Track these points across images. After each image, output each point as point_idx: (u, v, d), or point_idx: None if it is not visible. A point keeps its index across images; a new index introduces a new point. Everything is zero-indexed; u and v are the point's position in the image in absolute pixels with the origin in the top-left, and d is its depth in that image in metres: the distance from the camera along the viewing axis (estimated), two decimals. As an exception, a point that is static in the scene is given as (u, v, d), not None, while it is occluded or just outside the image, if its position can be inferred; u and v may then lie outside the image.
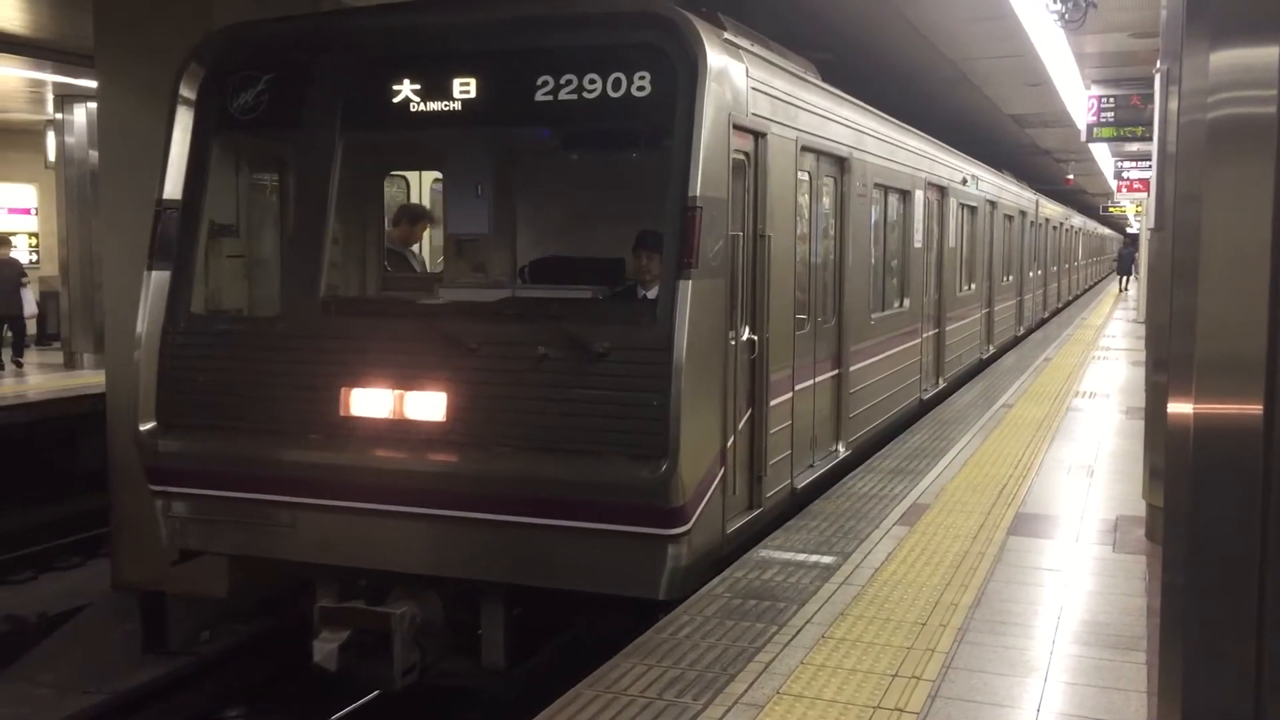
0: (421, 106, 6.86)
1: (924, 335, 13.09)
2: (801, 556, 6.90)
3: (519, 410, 6.35)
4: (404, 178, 11.35)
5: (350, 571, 6.91)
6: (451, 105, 6.79)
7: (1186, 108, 2.81)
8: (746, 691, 4.89)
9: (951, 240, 14.57)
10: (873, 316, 10.50)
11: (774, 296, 7.50)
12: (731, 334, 6.73)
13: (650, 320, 6.26)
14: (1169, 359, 3.01)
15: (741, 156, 6.98)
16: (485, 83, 6.73)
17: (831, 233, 9.46)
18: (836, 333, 9.44)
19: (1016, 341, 21.63)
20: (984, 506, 8.19)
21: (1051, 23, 12.36)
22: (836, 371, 9.42)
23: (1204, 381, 2.63)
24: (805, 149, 8.28)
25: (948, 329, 14.52)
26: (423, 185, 11.84)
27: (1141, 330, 20.19)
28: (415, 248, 10.01)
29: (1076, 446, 10.68)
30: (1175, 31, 4.23)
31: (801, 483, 8.28)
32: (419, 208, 10.31)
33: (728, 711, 4.70)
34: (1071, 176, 36.69)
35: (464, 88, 6.75)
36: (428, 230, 10.28)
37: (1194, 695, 2.67)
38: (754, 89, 7.08)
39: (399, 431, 6.58)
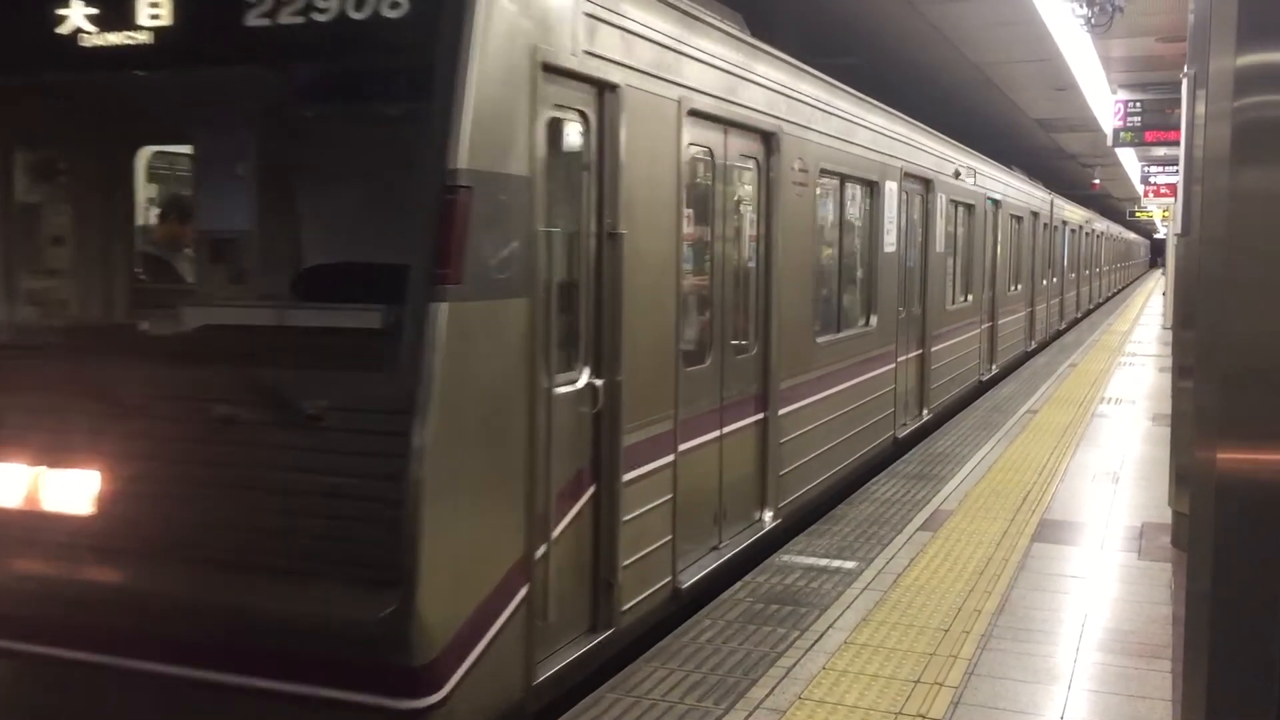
0: (97, 37, 4.70)
1: (900, 359, 10.82)
2: (824, 561, 6.88)
3: (193, 502, 4.25)
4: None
5: None
6: (136, 36, 4.63)
7: (1213, 112, 2.79)
8: (768, 696, 4.88)
9: (939, 244, 12.31)
10: (820, 340, 8.35)
11: (637, 321, 5.38)
12: (546, 380, 4.65)
13: (387, 364, 4.11)
14: (1196, 367, 2.99)
15: (570, 116, 4.96)
16: (181, 1, 4.60)
17: (751, 233, 7.21)
18: (761, 365, 7.23)
19: (1027, 358, 19.42)
20: (1008, 512, 8.15)
21: (1078, 27, 12.28)
22: (762, 415, 7.24)
23: (1231, 392, 2.61)
24: (697, 114, 6.08)
25: (934, 349, 12.22)
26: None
27: (1169, 336, 20.05)
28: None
29: (1102, 453, 10.62)
30: (1203, 35, 4.20)
31: (693, 576, 6.17)
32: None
33: (749, 716, 4.69)
34: (1098, 181, 36.47)
35: (153, 9, 4.61)
36: None
37: (1219, 704, 2.65)
38: (590, 16, 5.01)
39: (34, 529, 4.48)
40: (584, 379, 5.10)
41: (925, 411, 12.00)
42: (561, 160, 4.96)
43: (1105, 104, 18.33)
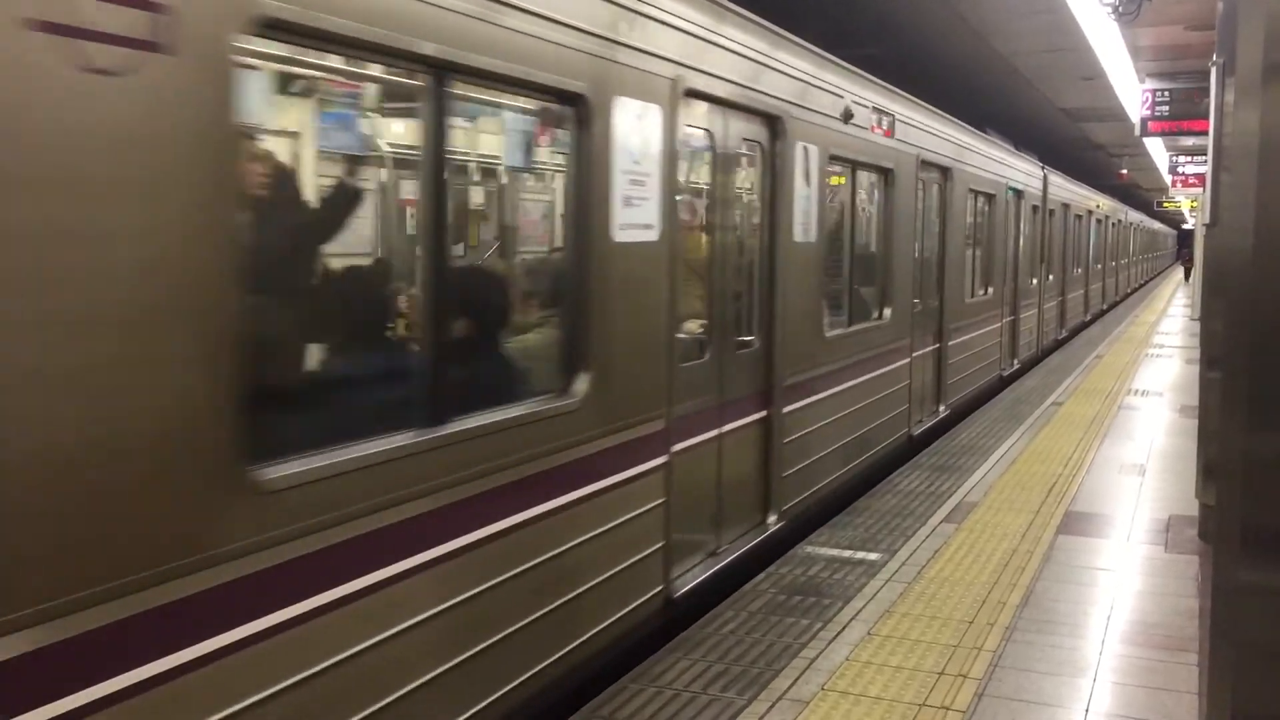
0: None
1: (685, 444, 5.87)
2: (847, 553, 6.87)
3: None
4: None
5: None
6: None
7: (1241, 100, 2.77)
8: (791, 687, 4.89)
9: (801, 229, 7.28)
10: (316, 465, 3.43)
11: None
12: None
13: None
14: (1221, 354, 2.97)
15: None
16: None
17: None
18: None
19: (1002, 385, 14.80)
20: (1033, 505, 8.11)
21: (1105, 15, 12.18)
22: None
23: (1259, 377, 2.59)
24: None
25: (795, 408, 7.27)
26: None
27: (1195, 328, 19.90)
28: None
29: (1128, 445, 10.55)
30: (1231, 23, 4.16)
31: None
32: None
33: (772, 707, 4.70)
34: (1125, 171, 36.20)
35: None
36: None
37: (1244, 697, 2.64)
38: None
39: None
40: None
41: (771, 518, 6.99)
42: None
43: (1133, 93, 18.19)
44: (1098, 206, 26.38)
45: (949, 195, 11.60)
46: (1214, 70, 6.60)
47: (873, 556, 6.80)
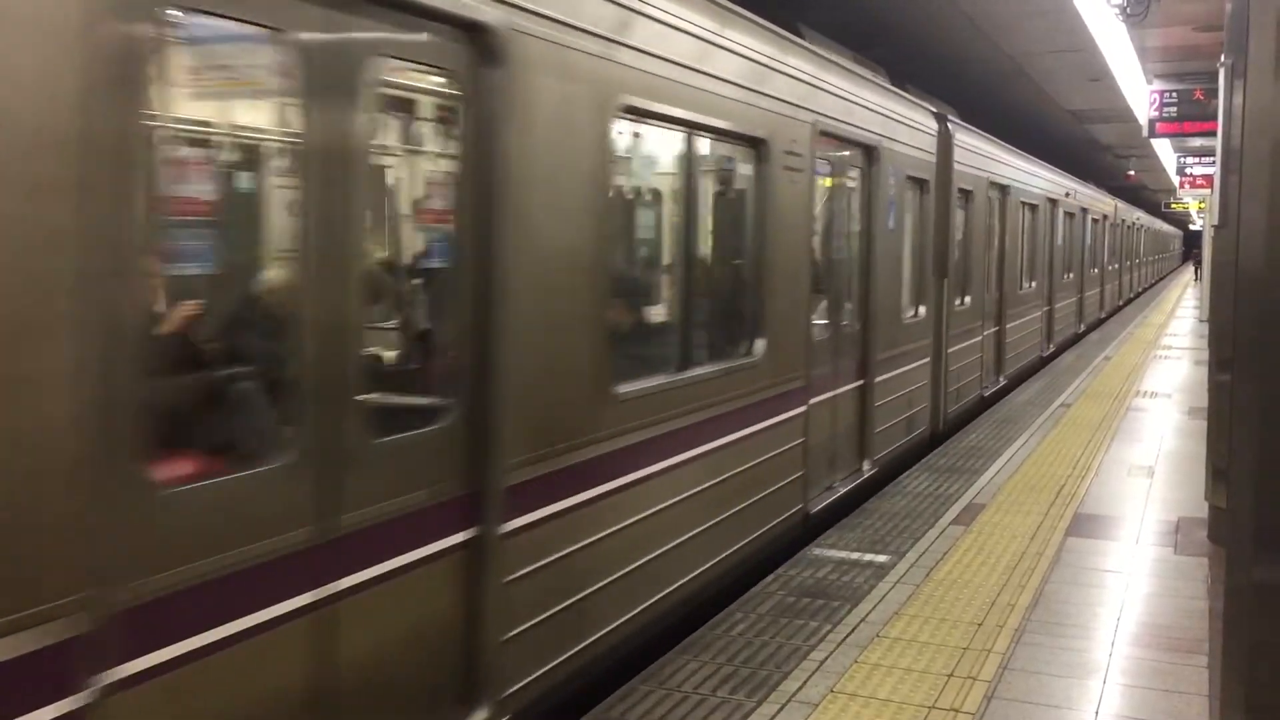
0: None
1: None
2: (856, 555, 6.86)
3: None
4: None
5: None
6: None
7: (1253, 101, 2.76)
8: (800, 690, 4.88)
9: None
10: None
11: None
12: None
13: None
14: (1234, 353, 2.96)
15: None
16: None
17: None
18: None
19: (866, 493, 8.49)
20: (1042, 506, 8.10)
21: (1112, 17, 12.17)
22: None
23: (1273, 374, 2.59)
24: None
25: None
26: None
27: (1205, 329, 19.85)
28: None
29: (1137, 447, 10.53)
30: (1240, 24, 4.16)
31: None
32: None
33: (781, 709, 4.69)
34: (1132, 172, 36.14)
35: None
36: None
37: (1257, 696, 2.63)
38: None
39: None
40: None
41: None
42: None
43: (1141, 94, 18.15)
44: (1067, 195, 19.32)
45: (562, 118, 4.56)
46: (1223, 71, 6.59)
47: (881, 559, 6.79)
